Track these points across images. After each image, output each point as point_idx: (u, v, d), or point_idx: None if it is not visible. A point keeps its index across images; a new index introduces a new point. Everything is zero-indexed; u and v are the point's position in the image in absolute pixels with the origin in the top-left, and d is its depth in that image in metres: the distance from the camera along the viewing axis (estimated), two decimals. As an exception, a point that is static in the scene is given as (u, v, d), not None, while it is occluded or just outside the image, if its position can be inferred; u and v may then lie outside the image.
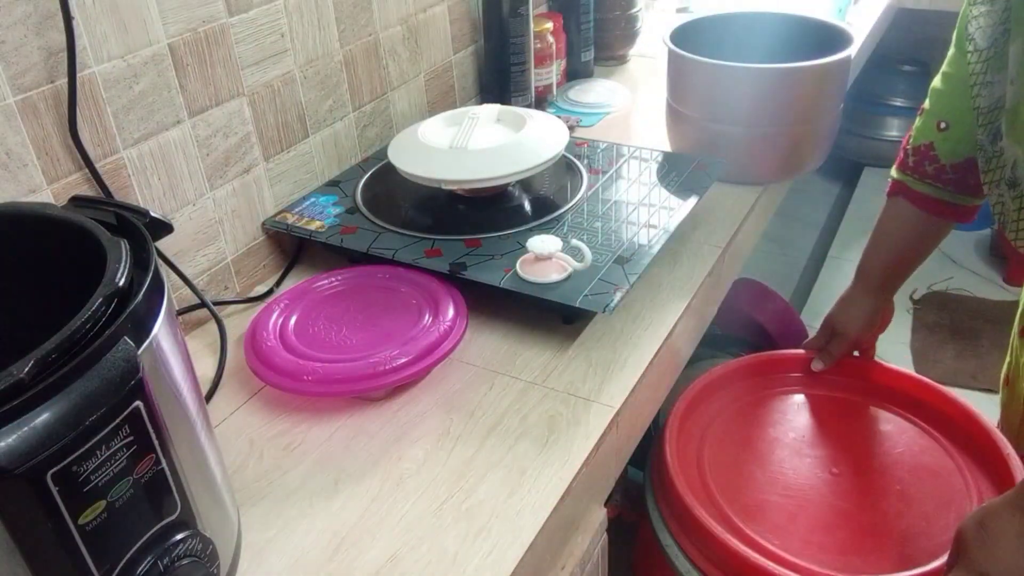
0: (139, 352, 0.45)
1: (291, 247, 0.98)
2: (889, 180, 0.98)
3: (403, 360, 0.73)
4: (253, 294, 0.93)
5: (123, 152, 0.77)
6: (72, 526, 0.44)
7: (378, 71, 1.08)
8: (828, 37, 1.05)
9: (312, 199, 0.98)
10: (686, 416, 0.99)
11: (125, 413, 0.45)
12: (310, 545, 0.63)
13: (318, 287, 0.85)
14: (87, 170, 0.74)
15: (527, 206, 0.95)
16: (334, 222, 0.93)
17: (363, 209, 0.95)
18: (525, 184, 0.98)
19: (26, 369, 0.40)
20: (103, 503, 0.45)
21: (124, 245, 0.50)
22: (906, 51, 2.40)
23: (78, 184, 0.74)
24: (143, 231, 0.54)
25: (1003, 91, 0.72)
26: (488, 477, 0.67)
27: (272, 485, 0.68)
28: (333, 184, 1.01)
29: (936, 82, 0.91)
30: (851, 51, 1.01)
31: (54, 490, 0.41)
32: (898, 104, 2.43)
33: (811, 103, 1.01)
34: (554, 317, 0.83)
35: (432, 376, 0.78)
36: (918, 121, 0.92)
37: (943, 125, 0.88)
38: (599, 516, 0.77)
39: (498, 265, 0.83)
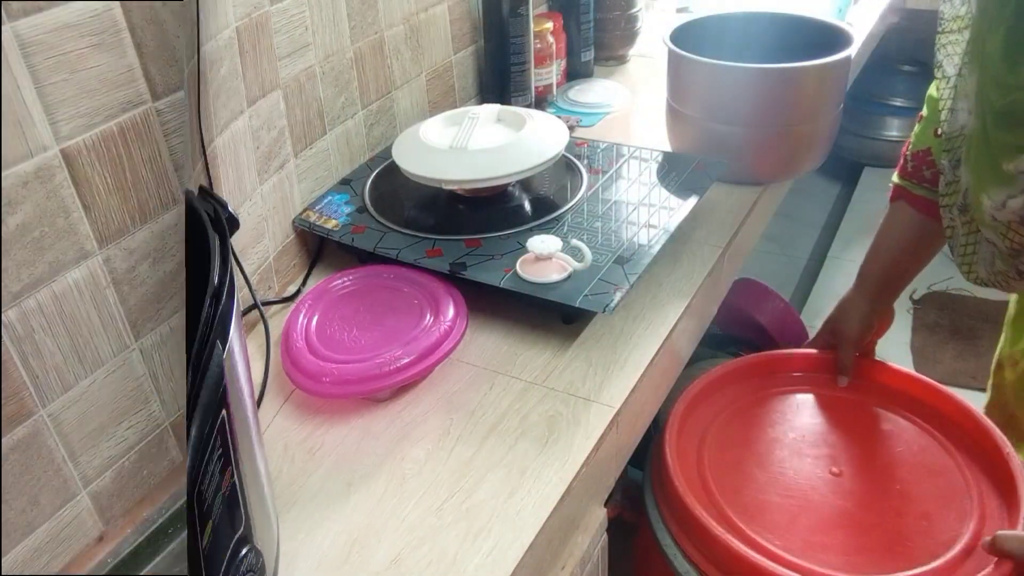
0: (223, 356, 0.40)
1: (313, 245, 0.97)
2: (891, 185, 0.99)
3: (406, 360, 0.73)
4: (286, 294, 0.91)
5: (216, 141, 0.72)
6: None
7: (383, 69, 1.07)
8: (828, 37, 1.05)
9: (329, 197, 0.97)
10: (686, 416, 0.99)
11: (218, 423, 0.39)
12: (327, 549, 0.62)
13: (333, 287, 0.85)
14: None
15: (527, 206, 0.95)
16: (347, 221, 0.92)
17: (371, 208, 0.95)
18: (525, 184, 0.98)
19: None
20: (210, 523, 0.41)
21: (216, 241, 0.45)
22: (906, 51, 2.40)
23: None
24: (224, 226, 0.49)
25: (967, 119, 0.73)
26: (488, 477, 0.67)
27: (301, 490, 0.68)
28: (345, 183, 1.00)
29: (931, 90, 0.91)
30: (851, 51, 1.01)
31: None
32: (898, 104, 2.43)
33: (811, 103, 1.01)
34: (554, 317, 0.83)
35: (433, 376, 0.78)
36: (917, 127, 0.93)
37: (940, 132, 0.88)
38: (599, 516, 0.77)
39: (498, 265, 0.83)
